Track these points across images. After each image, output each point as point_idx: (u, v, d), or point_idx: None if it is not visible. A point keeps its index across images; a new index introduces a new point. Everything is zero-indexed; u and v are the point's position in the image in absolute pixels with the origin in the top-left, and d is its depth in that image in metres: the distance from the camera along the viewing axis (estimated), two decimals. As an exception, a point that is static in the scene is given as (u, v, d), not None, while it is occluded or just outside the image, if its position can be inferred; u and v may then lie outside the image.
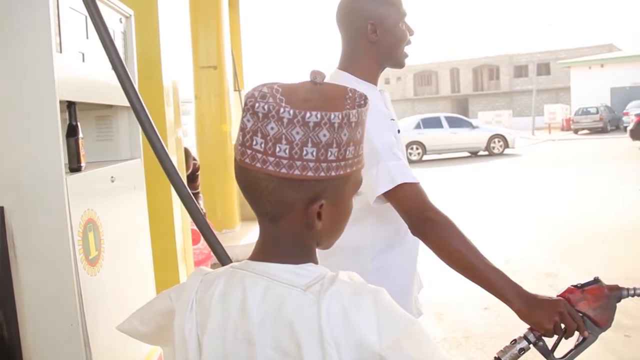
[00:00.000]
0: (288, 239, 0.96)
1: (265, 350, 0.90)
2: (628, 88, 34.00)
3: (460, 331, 4.17)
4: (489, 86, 50.49)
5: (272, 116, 0.87)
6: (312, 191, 0.91)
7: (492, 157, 19.89)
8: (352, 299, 0.90)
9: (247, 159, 0.90)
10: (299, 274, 0.93)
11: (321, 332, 0.87)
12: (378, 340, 0.88)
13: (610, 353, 3.79)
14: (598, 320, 1.43)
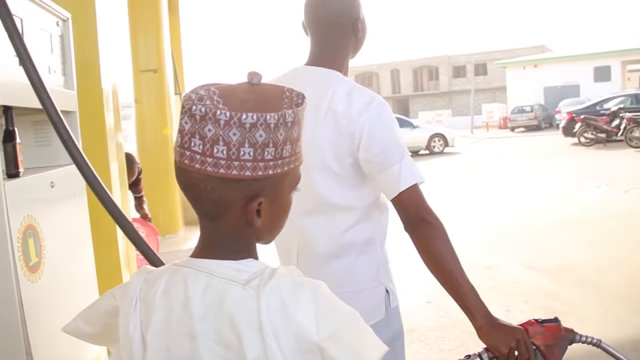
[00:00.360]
0: (228, 236, 0.98)
1: (207, 344, 0.92)
2: (560, 87, 35.31)
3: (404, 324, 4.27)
4: (429, 86, 51.49)
5: (209, 118, 0.89)
6: (251, 190, 0.94)
7: (432, 155, 20.31)
8: (291, 292, 0.93)
9: (186, 160, 0.92)
10: (239, 269, 0.96)
11: (261, 324, 0.89)
12: (316, 331, 0.90)
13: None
14: (549, 356, 1.49)
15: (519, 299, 4.74)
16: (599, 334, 4.13)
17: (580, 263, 5.67)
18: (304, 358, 0.91)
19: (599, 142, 17.44)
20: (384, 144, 1.57)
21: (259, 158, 0.91)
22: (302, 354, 0.91)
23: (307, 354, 0.91)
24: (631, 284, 4.95)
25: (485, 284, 5.08)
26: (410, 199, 1.56)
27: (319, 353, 0.91)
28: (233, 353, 0.92)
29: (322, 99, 1.58)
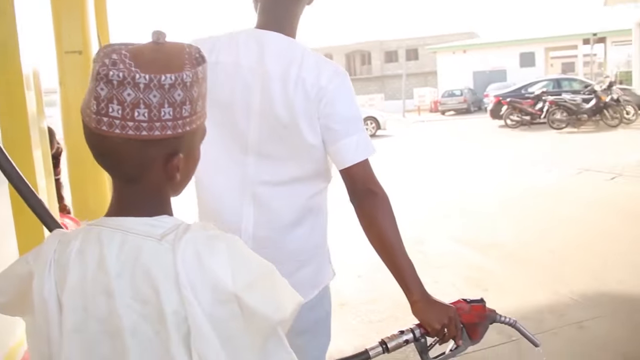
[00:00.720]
0: (147, 194, 0.99)
1: (125, 300, 0.92)
2: (488, 72, 36.30)
3: (335, 298, 4.36)
4: (362, 71, 51.90)
5: (127, 83, 0.89)
6: (171, 147, 0.96)
7: (366, 139, 20.53)
8: (206, 245, 0.95)
9: (104, 127, 0.92)
10: (154, 225, 0.97)
11: (177, 277, 0.91)
12: (232, 281, 0.93)
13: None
14: (473, 334, 1.58)
15: (447, 271, 4.92)
16: (522, 303, 4.37)
17: (506, 238, 5.93)
18: (221, 309, 0.93)
19: (523, 124, 18.12)
20: (347, 114, 1.58)
21: (178, 116, 0.94)
22: (219, 304, 0.93)
23: (225, 305, 0.93)
24: (553, 257, 5.23)
25: (416, 257, 5.20)
26: (363, 170, 1.59)
27: (236, 303, 0.93)
28: (151, 308, 0.92)
29: (290, 68, 1.56)
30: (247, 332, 0.96)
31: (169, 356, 0.93)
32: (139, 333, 0.93)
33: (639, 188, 7.72)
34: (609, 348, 3.40)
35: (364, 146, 1.58)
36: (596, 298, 4.14)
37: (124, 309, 0.93)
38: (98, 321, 0.95)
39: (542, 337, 3.55)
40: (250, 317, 0.95)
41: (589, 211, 6.74)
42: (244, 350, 0.96)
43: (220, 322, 0.93)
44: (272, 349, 1.00)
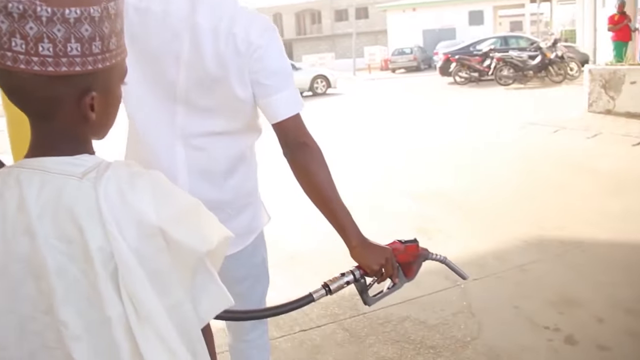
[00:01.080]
0: (62, 133, 0.96)
1: (49, 241, 0.90)
2: (437, 30, 36.49)
3: (286, 253, 4.40)
4: (312, 30, 51.42)
5: (29, 16, 0.85)
6: (82, 85, 0.93)
7: (316, 97, 20.46)
8: (128, 181, 0.94)
9: (8, 62, 0.88)
10: (75, 164, 0.94)
11: (100, 214, 0.89)
12: (156, 215, 0.92)
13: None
14: (408, 272, 1.66)
15: (398, 224, 4.99)
16: (463, 246, 4.47)
17: (453, 190, 6.05)
18: (147, 243, 0.92)
19: (472, 80, 18.35)
20: (277, 69, 1.60)
21: (87, 52, 0.90)
22: (145, 239, 0.92)
23: (150, 239, 0.92)
24: (494, 203, 5.37)
25: (362, 210, 5.30)
26: (294, 124, 1.61)
27: (161, 237, 0.93)
28: (76, 247, 0.91)
29: (221, 23, 1.55)
30: (175, 267, 0.95)
31: (97, 294, 0.91)
32: (65, 273, 0.91)
33: (579, 140, 7.96)
34: (548, 288, 3.54)
35: (294, 101, 1.61)
36: (536, 242, 4.29)
37: (48, 249, 0.90)
38: (21, 262, 0.92)
39: (488, 280, 3.70)
40: (176, 250, 0.94)
41: (532, 163, 6.92)
42: (173, 286, 0.96)
43: (146, 257, 0.92)
44: (201, 283, 1.01)
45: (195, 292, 1.00)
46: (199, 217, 1.00)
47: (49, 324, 0.92)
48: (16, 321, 0.94)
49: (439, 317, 3.29)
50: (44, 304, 0.92)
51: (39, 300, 0.92)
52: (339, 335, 3.21)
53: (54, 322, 0.92)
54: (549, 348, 2.91)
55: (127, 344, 0.92)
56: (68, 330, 0.91)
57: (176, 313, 0.96)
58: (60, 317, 0.91)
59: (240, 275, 1.87)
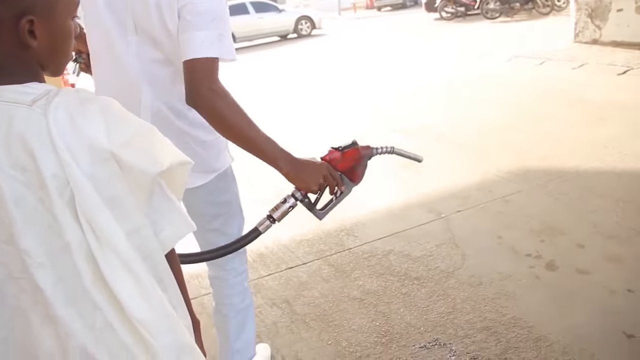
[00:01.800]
0: (7, 59, 0.94)
1: (4, 170, 0.90)
2: (423, -36, 35.68)
3: (273, 192, 4.40)
4: (295, -31, 50.15)
5: None
6: (18, 7, 0.91)
7: (300, 38, 20.14)
8: (78, 107, 0.93)
9: None
10: (24, 92, 0.93)
11: (52, 141, 0.89)
12: (107, 139, 0.92)
13: (402, 188, 4.27)
14: (352, 177, 1.67)
15: (385, 160, 4.95)
16: (452, 182, 4.48)
17: (437, 123, 6.04)
18: (101, 168, 0.92)
19: (458, 15, 18.02)
20: (202, 8, 1.55)
21: None
22: (98, 164, 0.92)
23: (103, 164, 0.92)
24: (480, 137, 5.37)
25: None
26: (204, 67, 1.54)
27: (114, 161, 0.93)
28: (31, 175, 0.90)
29: None
30: (130, 191, 0.95)
31: (56, 222, 0.91)
32: (22, 202, 0.91)
33: (564, 71, 7.90)
34: (530, 217, 3.58)
35: (209, 44, 1.54)
36: (520, 174, 4.31)
37: (4, 178, 0.90)
38: None
39: (472, 212, 3.74)
40: (128, 173, 0.94)
41: (517, 94, 6.89)
42: (131, 210, 0.96)
43: (101, 181, 0.92)
44: (158, 205, 1.01)
45: (156, 218, 1.01)
46: (153, 141, 0.99)
47: (12, 254, 0.93)
48: None
49: (423, 250, 3.33)
50: (5, 234, 0.92)
51: (0, 230, 0.92)
52: (324, 271, 3.25)
53: (16, 251, 0.92)
54: (530, 274, 2.96)
55: (89, 268, 0.93)
56: (31, 258, 0.92)
57: (137, 238, 0.97)
58: (21, 245, 0.92)
59: (212, 211, 1.90)
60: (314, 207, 1.67)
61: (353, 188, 1.69)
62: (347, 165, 1.65)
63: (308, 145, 5.66)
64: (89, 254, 0.92)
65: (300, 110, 7.84)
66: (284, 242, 3.67)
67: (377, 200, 4.11)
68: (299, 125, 6.93)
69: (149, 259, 0.99)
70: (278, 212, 1.62)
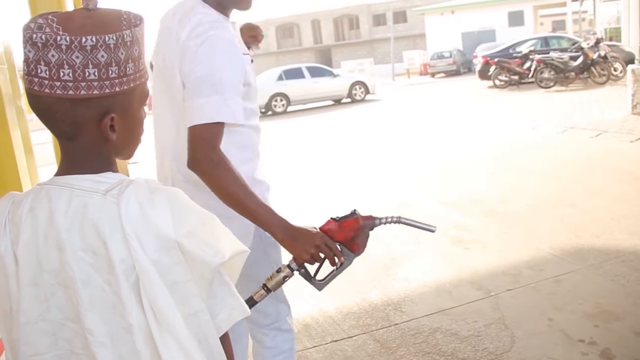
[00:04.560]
0: (87, 153, 1.04)
1: (76, 253, 0.98)
2: (477, 32, 36.07)
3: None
4: (350, 36, 51.40)
5: (50, 45, 0.94)
6: (101, 107, 1.00)
7: (354, 103, 20.50)
8: (148, 197, 1.00)
9: (35, 87, 0.97)
10: (99, 181, 1.02)
11: (123, 228, 0.97)
12: (174, 229, 0.99)
13: (450, 264, 4.21)
14: (352, 248, 1.65)
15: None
16: (501, 257, 4.40)
17: (487, 195, 5.99)
18: (165, 256, 0.99)
19: (512, 84, 18.04)
20: (202, 75, 1.62)
21: (104, 77, 0.98)
22: (163, 251, 0.99)
23: (169, 252, 0.99)
24: (530, 211, 5.29)
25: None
26: (204, 135, 1.60)
27: (178, 249, 0.99)
28: (101, 259, 0.98)
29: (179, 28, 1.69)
30: (192, 278, 1.01)
31: (121, 303, 0.98)
32: (90, 283, 0.98)
33: (621, 144, 7.76)
34: (584, 299, 3.46)
35: (208, 110, 1.60)
36: (573, 252, 4.20)
37: (76, 261, 0.98)
38: (52, 274, 1.00)
39: (522, 291, 3.65)
40: (192, 262, 1.01)
41: (571, 167, 6.79)
42: (191, 296, 1.02)
43: (165, 268, 0.99)
44: (218, 294, 1.07)
45: (213, 303, 1.06)
46: (214, 231, 1.06)
47: (76, 331, 1.00)
48: (49, 328, 1.02)
49: (471, 329, 3.26)
50: (72, 312, 1.00)
51: (68, 309, 1.00)
52: (370, 347, 3.21)
53: (80, 329, 0.99)
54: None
55: (148, 351, 0.99)
56: (93, 336, 0.99)
57: (194, 322, 1.02)
58: (86, 324, 0.99)
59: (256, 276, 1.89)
60: (312, 278, 1.67)
61: (355, 259, 1.67)
62: (346, 235, 1.64)
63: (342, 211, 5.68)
64: (148, 335, 0.98)
65: (346, 174, 7.90)
66: (330, 313, 3.66)
67: (425, 275, 4.08)
68: (341, 189, 6.99)
69: (204, 343, 1.03)
70: (272, 282, 1.63)
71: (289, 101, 19.87)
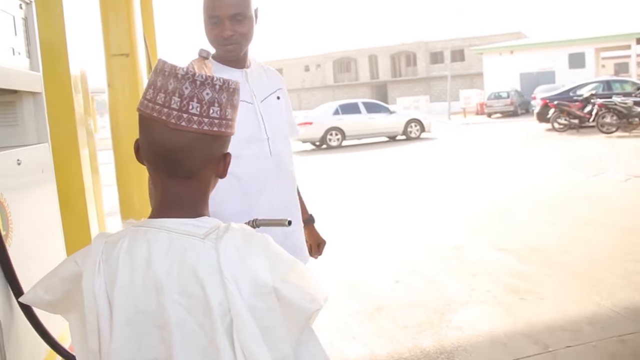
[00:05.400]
0: (196, 191, 1.10)
1: (172, 296, 1.01)
2: (536, 73, 35.65)
3: (372, 303, 4.38)
4: (407, 72, 51.62)
5: (207, 84, 1.03)
6: (225, 146, 1.10)
7: (409, 141, 20.46)
8: (245, 244, 1.05)
9: (183, 122, 1.03)
10: (197, 225, 1.06)
11: (221, 272, 1.00)
12: (271, 276, 1.02)
13: (505, 314, 4.10)
14: None
15: (484, 278, 4.87)
16: (560, 312, 4.25)
17: (545, 244, 5.83)
18: (261, 301, 1.02)
19: (571, 127, 17.70)
20: None
21: (230, 117, 1.08)
22: (259, 297, 1.02)
23: (264, 297, 1.02)
24: (591, 263, 5.12)
25: (452, 264, 5.22)
26: None
27: (274, 295, 1.02)
28: (196, 302, 1.01)
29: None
30: (284, 323, 1.04)
31: (213, 346, 1.00)
32: (184, 326, 1.01)
33: (689, 196, 7.47)
34: (649, 362, 3.32)
35: None
36: (638, 311, 4.03)
37: (171, 303, 1.01)
38: (147, 315, 1.03)
39: (582, 349, 3.52)
40: (287, 308, 1.03)
41: (635, 219, 6.56)
42: (282, 342, 1.04)
43: (259, 313, 1.01)
44: (305, 340, 1.08)
45: (299, 349, 1.07)
46: (304, 276, 1.08)
47: None
48: None
49: (527, 386, 3.16)
50: (164, 353, 1.03)
51: (160, 349, 1.03)
52: (421, 398, 3.14)
53: None
54: None
55: None
56: None
57: None
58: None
59: None
60: None
61: None
62: None
63: (394, 251, 5.66)
64: None
65: (398, 212, 7.83)
66: (381, 356, 3.60)
67: (479, 323, 3.98)
68: (393, 226, 6.93)
69: None
70: None
71: (344, 135, 20.00)
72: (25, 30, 2.25)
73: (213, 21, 1.85)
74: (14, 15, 2.12)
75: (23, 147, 2.22)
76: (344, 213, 8.15)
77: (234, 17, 1.83)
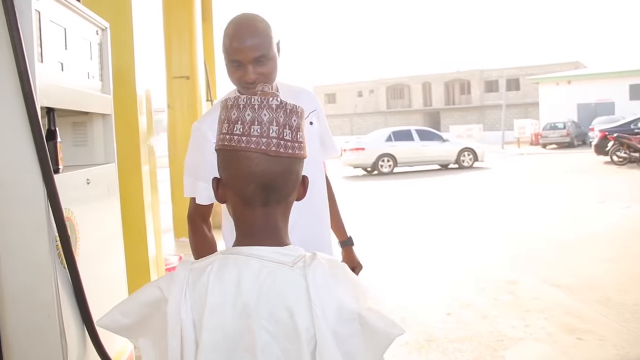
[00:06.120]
0: (282, 218, 1.15)
1: (260, 322, 1.05)
2: (594, 104, 34.85)
3: (423, 335, 4.32)
4: (461, 100, 51.23)
5: (294, 112, 1.11)
6: (303, 168, 1.16)
7: (462, 170, 20.20)
8: (330, 272, 1.10)
9: (281, 149, 1.09)
10: (285, 254, 1.11)
11: (310, 299, 1.04)
12: (356, 302, 1.07)
13: (561, 354, 3.97)
14: None
15: (539, 315, 4.73)
16: (619, 354, 4.09)
17: (603, 281, 5.63)
18: (344, 327, 1.06)
19: (632, 161, 17.16)
20: None
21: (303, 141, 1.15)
22: (343, 323, 1.05)
23: (348, 323, 1.06)
24: (655, 304, 4.91)
25: (506, 298, 5.10)
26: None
27: (358, 322, 1.06)
28: (282, 327, 1.05)
29: None
30: (365, 349, 1.07)
31: None
32: (268, 350, 1.05)
33: None
34: None
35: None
36: None
37: (259, 329, 1.05)
38: (234, 339, 1.06)
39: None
40: (371, 334, 1.07)
41: (700, 260, 6.28)
42: None
43: (342, 338, 1.05)
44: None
45: None
46: (379, 300, 1.12)
47: None
48: None
49: None
50: None
51: None
52: None
53: None
54: None
55: None
56: None
57: None
58: None
59: None
60: None
61: None
62: None
63: (445, 281, 5.56)
64: None
65: (450, 242, 7.72)
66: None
67: (533, 362, 3.87)
68: (443, 257, 6.83)
69: None
70: None
71: (396, 162, 19.93)
72: (100, 55, 2.35)
73: (235, 65, 1.81)
74: (91, 41, 2.23)
75: (92, 166, 2.31)
76: (394, 241, 8.09)
77: (257, 60, 1.77)
